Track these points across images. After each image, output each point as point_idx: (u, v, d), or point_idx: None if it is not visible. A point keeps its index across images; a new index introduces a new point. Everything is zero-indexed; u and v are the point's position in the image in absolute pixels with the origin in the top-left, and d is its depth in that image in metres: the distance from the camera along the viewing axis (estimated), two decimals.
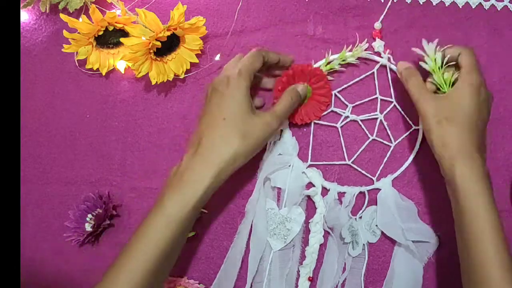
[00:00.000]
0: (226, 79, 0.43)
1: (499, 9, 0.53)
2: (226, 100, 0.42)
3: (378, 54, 0.52)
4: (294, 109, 0.51)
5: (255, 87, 0.52)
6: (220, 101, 0.43)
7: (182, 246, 0.44)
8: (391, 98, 0.52)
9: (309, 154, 0.53)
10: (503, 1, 0.53)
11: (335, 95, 0.53)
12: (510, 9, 0.52)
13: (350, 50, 0.51)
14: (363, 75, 0.53)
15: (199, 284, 0.50)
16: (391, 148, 0.52)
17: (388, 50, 0.52)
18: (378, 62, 0.52)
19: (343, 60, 0.51)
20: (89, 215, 0.53)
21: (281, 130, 0.52)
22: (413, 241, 0.48)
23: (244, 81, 0.43)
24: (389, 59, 0.52)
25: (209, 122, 0.43)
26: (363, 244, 0.50)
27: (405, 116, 0.52)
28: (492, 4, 0.53)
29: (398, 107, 0.52)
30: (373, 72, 0.52)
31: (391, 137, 0.52)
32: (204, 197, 0.41)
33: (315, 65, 0.51)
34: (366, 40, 0.51)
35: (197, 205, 0.41)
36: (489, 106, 0.46)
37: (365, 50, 0.52)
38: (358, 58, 0.52)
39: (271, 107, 0.48)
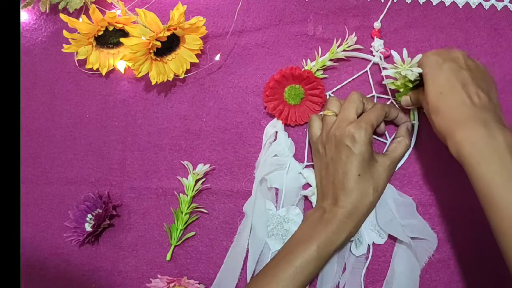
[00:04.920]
0: (351, 135, 0.45)
1: (499, 9, 0.53)
2: (357, 157, 0.45)
3: (371, 52, 0.53)
4: (287, 112, 0.51)
5: None
6: (352, 158, 0.45)
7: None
8: (388, 95, 0.52)
9: (306, 155, 0.53)
10: (503, 1, 0.53)
11: (329, 96, 0.53)
12: (510, 9, 0.53)
13: (340, 45, 0.51)
14: (356, 74, 0.53)
15: (199, 284, 0.50)
16: (387, 145, 0.52)
17: (384, 50, 0.52)
18: (370, 61, 0.52)
19: (334, 55, 0.51)
20: (89, 215, 0.53)
21: (277, 132, 0.52)
22: (412, 238, 0.48)
23: (369, 138, 0.46)
24: (380, 57, 0.52)
25: (346, 176, 0.46)
26: (368, 245, 0.50)
27: (401, 112, 0.52)
28: (492, 4, 0.53)
29: (395, 103, 0.52)
30: (367, 71, 0.52)
31: (386, 134, 0.52)
32: (344, 243, 0.47)
33: (308, 67, 0.52)
34: (354, 33, 0.51)
35: (338, 248, 0.46)
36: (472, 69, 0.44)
37: (364, 51, 0.52)
38: (351, 57, 0.52)
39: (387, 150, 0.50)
